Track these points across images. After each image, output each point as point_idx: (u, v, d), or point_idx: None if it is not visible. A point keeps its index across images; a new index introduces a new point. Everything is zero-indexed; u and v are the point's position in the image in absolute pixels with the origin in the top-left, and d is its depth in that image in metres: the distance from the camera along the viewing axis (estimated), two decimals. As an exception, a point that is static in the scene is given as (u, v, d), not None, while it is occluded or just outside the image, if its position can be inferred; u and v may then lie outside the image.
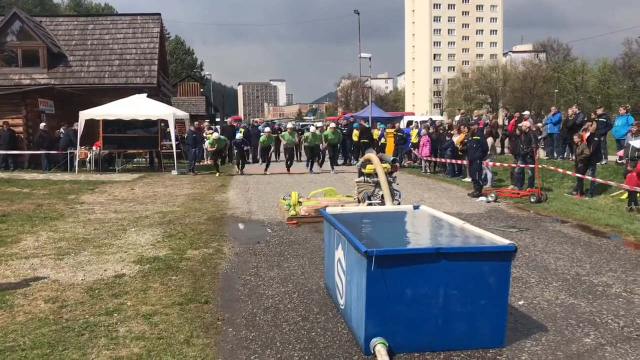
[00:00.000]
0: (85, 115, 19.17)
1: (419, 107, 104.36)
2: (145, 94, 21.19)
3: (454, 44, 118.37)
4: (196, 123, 25.34)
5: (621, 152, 13.63)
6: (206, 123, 27.31)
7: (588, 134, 13.88)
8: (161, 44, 27.57)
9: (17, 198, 12.83)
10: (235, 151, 21.27)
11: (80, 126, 19.07)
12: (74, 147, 19.54)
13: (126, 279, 6.42)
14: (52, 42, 24.79)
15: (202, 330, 4.83)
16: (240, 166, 19.99)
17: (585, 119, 16.21)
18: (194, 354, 4.34)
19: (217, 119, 46.36)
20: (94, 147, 20.20)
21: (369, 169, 11.12)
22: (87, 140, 19.89)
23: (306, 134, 20.72)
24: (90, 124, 19.34)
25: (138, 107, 19.67)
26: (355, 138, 23.47)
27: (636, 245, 8.33)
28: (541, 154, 14.34)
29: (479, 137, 13.91)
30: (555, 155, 18.16)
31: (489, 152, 15.40)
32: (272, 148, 22.01)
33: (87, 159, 20.17)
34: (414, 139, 21.51)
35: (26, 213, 10.75)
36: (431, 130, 20.44)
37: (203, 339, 4.65)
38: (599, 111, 17.06)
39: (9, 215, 10.42)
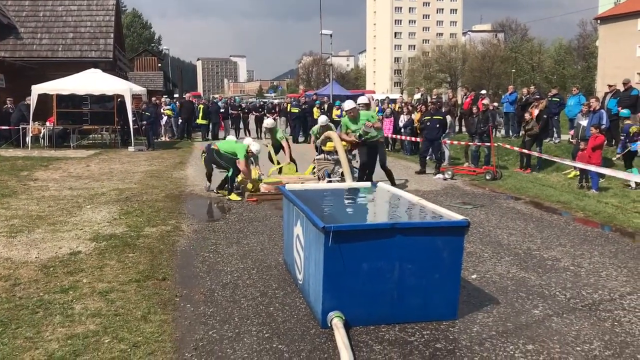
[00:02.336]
0: (38, 89, 18.55)
1: (380, 86, 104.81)
2: (100, 69, 20.63)
3: (414, 22, 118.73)
4: (154, 99, 24.89)
5: (572, 132, 14.05)
6: (164, 99, 26.81)
7: (537, 111, 14.26)
8: (117, 16, 26.81)
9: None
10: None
11: (32, 101, 18.45)
12: (26, 122, 18.93)
13: (82, 256, 6.32)
14: (1, 13, 23.78)
15: (160, 307, 4.82)
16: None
17: (538, 96, 16.62)
18: (152, 330, 4.33)
19: (176, 95, 45.53)
20: (47, 123, 19.61)
21: (328, 146, 11.18)
22: (40, 115, 19.27)
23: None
24: (44, 98, 18.75)
25: (93, 82, 19.15)
26: (316, 116, 23.46)
27: (585, 221, 8.65)
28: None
29: (441, 117, 14.06)
30: (510, 133, 18.57)
31: (447, 131, 15.64)
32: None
33: (41, 134, 19.58)
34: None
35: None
36: (387, 110, 20.57)
37: (160, 315, 4.65)
38: (553, 91, 17.51)
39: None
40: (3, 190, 10.50)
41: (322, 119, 12.65)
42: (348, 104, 11.06)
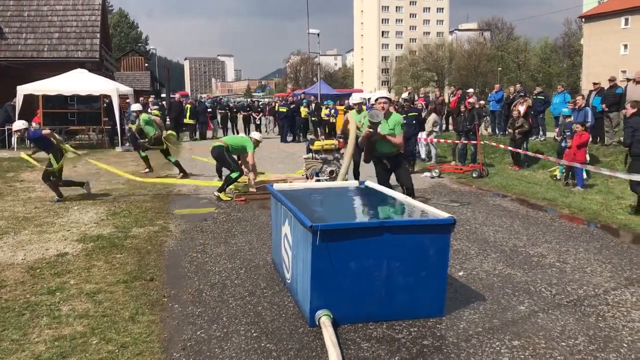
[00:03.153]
0: (23, 90, 18.41)
1: (368, 84, 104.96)
2: (87, 69, 20.50)
3: (401, 21, 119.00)
4: (141, 99, 24.75)
5: (558, 130, 14.17)
6: (151, 99, 26.67)
7: (524, 107, 14.38)
8: (103, 16, 26.64)
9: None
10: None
11: (18, 101, 18.30)
12: (12, 123, 18.73)
13: (69, 257, 6.30)
14: (-15, 13, 23.58)
15: (148, 307, 4.82)
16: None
17: (523, 93, 16.75)
18: (140, 330, 4.33)
19: (163, 95, 45.31)
20: (33, 123, 19.42)
21: (316, 145, 11.21)
22: (25, 116, 19.06)
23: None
24: (29, 99, 18.60)
25: (80, 82, 19.03)
26: (304, 114, 23.51)
27: (570, 217, 8.74)
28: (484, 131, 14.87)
29: (415, 114, 14.14)
30: (497, 131, 18.70)
31: (435, 129, 15.71)
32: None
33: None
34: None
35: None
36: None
37: (148, 315, 4.64)
38: (538, 89, 17.66)
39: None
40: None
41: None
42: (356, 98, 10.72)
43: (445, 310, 4.68)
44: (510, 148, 14.02)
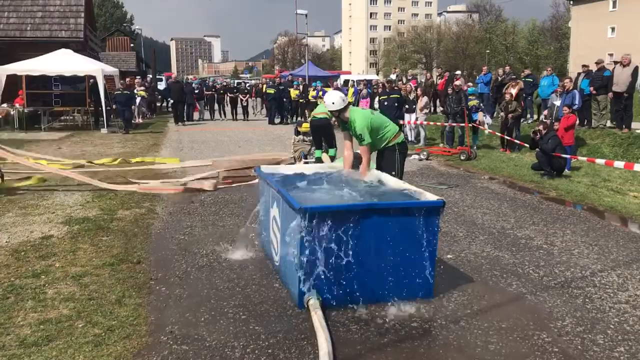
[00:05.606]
0: (5, 70, 18.06)
1: (356, 66, 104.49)
2: (71, 49, 20.16)
3: (390, 2, 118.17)
4: (128, 80, 24.45)
5: (546, 112, 14.20)
6: (137, 80, 26.35)
7: (515, 90, 14.37)
8: (87, -5, 26.08)
9: None
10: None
11: (0, 82, 17.97)
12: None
13: (54, 240, 6.21)
14: (-35, -9, 23.01)
15: (135, 290, 4.77)
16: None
17: (514, 76, 16.73)
18: (126, 313, 4.29)
19: (149, 76, 44.80)
20: (16, 104, 19.13)
21: (304, 127, 11.14)
22: (7, 96, 18.78)
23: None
24: (11, 79, 18.27)
25: (64, 63, 18.72)
26: (293, 96, 23.34)
27: (557, 200, 8.78)
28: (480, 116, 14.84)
29: (398, 96, 13.99)
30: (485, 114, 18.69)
31: (425, 111, 15.68)
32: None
33: (10, 116, 19.11)
34: (349, 99, 21.59)
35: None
36: (363, 90, 20.55)
37: (135, 298, 4.60)
38: (526, 71, 17.65)
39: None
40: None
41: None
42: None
43: (434, 292, 4.68)
44: (498, 134, 14.04)
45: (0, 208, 7.67)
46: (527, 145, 12.72)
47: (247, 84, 37.29)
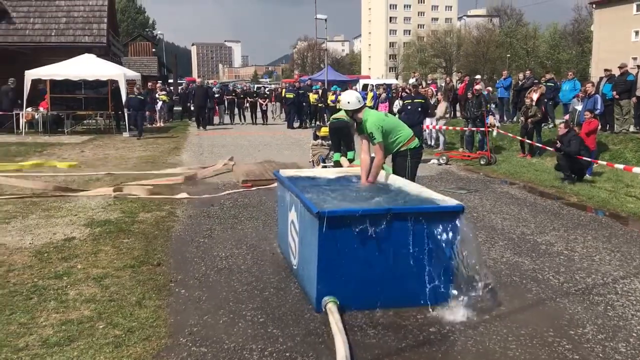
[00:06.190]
0: (31, 75, 18.43)
1: (375, 71, 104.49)
2: (95, 54, 20.47)
3: (409, 7, 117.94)
4: (150, 84, 24.77)
5: (567, 117, 14.05)
6: (159, 84, 26.68)
7: (537, 95, 14.24)
8: (111, 1, 26.47)
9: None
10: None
11: (26, 86, 18.33)
12: (17, 107, 18.80)
13: (76, 242, 6.31)
14: (-7, -3, 23.49)
15: (155, 292, 4.82)
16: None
17: (537, 80, 16.59)
18: (146, 315, 4.34)
19: (170, 80, 45.27)
20: (40, 108, 19.48)
21: (323, 131, 11.16)
22: (32, 101, 19.12)
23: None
24: (36, 84, 18.62)
25: (87, 67, 19.02)
26: (312, 101, 23.42)
27: (578, 205, 8.67)
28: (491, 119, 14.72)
29: (422, 100, 13.89)
30: (505, 119, 18.57)
31: (446, 115, 15.59)
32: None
33: (34, 120, 19.46)
34: (369, 103, 21.58)
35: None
36: (382, 94, 20.53)
37: (155, 300, 4.65)
38: (547, 76, 17.48)
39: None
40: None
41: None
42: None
43: (453, 298, 4.65)
44: (519, 138, 13.90)
45: (24, 210, 7.81)
46: (549, 148, 12.59)
47: (267, 89, 37.46)
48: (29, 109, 19.08)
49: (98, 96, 20.15)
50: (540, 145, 13.44)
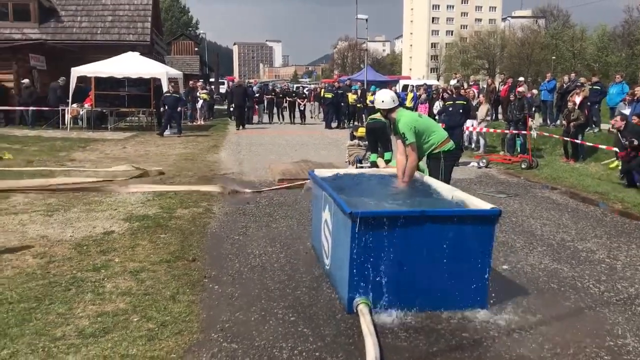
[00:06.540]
0: (77, 72, 18.93)
1: (416, 71, 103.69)
2: (138, 52, 20.91)
3: (452, 7, 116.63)
4: (191, 83, 25.16)
5: (614, 121, 13.61)
6: (200, 83, 27.07)
7: (579, 98, 13.85)
8: (155, 0, 27.03)
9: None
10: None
11: (72, 83, 18.85)
12: (64, 103, 19.36)
13: (115, 236, 6.44)
14: (44, -4, 24.27)
15: (189, 287, 4.88)
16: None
17: (579, 83, 16.16)
18: (179, 309, 4.39)
19: (212, 79, 45.87)
20: (85, 105, 20.00)
21: (360, 132, 11.10)
22: (77, 97, 19.65)
23: None
24: (81, 80, 19.13)
25: (131, 65, 19.43)
26: (351, 101, 23.36)
27: (623, 213, 8.40)
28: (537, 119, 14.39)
29: (464, 102, 13.66)
30: (548, 122, 18.14)
31: (487, 118, 15.34)
32: None
33: (79, 116, 20.00)
34: (409, 104, 21.39)
35: (16, 169, 10.69)
36: (422, 95, 20.30)
37: (189, 295, 4.70)
38: (594, 79, 16.99)
39: (-1, 171, 10.36)
40: (42, 170, 10.75)
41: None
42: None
43: (487, 303, 4.56)
44: (565, 138, 13.52)
45: (66, 203, 8.02)
46: (602, 147, 12.17)
47: (306, 88, 37.55)
48: (74, 105, 19.61)
49: (140, 94, 20.54)
50: (587, 143, 13.03)
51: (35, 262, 5.44)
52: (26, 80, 19.79)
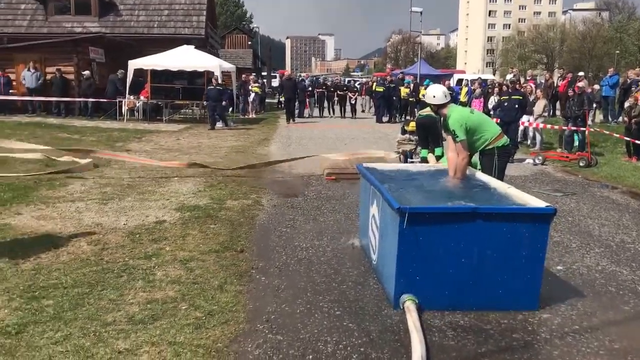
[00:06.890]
0: (134, 64, 19.44)
1: (471, 66, 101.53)
2: (193, 46, 21.28)
3: (510, 0, 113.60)
4: (243, 76, 25.46)
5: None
6: (252, 76, 27.35)
7: (644, 95, 13.23)
8: (210, -6, 27.47)
9: (67, 144, 13.21)
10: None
11: (129, 75, 19.38)
12: (121, 95, 19.92)
13: (166, 225, 6.58)
14: (104, -9, 25.03)
15: (236, 278, 4.93)
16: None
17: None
18: (227, 299, 4.44)
19: (264, 73, 46.31)
20: (141, 97, 20.53)
21: (411, 126, 10.97)
22: (133, 89, 20.19)
23: None
24: (136, 73, 19.63)
25: (185, 58, 19.80)
26: (403, 95, 23.08)
27: (688, 214, 7.97)
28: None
29: (520, 97, 13.24)
30: (610, 119, 17.44)
31: (544, 114, 14.86)
32: None
33: (135, 108, 20.55)
34: (462, 98, 20.98)
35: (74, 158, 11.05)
36: (477, 90, 19.81)
37: (236, 285, 4.75)
38: (661, 74, 16.20)
39: (58, 160, 10.75)
40: (99, 160, 11.09)
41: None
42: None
43: (540, 304, 4.41)
44: (628, 138, 12.95)
45: (121, 192, 8.25)
46: None
47: (357, 82, 37.36)
48: (131, 97, 20.15)
49: (195, 86, 20.91)
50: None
51: (89, 249, 5.61)
52: (87, 72, 20.47)
